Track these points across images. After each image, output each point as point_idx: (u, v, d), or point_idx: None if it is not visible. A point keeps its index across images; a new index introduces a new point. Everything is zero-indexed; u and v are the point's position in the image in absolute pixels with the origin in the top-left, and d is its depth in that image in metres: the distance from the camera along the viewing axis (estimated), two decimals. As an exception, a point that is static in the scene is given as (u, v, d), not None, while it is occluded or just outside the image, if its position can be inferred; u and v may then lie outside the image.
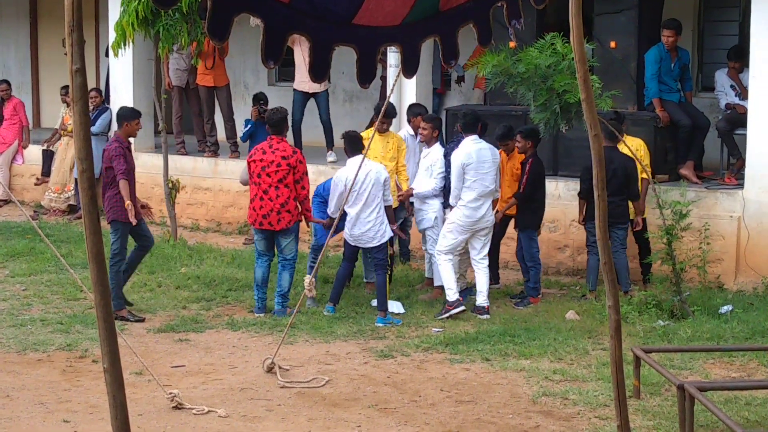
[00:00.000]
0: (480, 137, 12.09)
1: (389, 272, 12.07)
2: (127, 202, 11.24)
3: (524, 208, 12.47)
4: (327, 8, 4.54)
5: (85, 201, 3.97)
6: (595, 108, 5.59)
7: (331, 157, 15.76)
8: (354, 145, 11.77)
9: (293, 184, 11.60)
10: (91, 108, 16.14)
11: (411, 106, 13.69)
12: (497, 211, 12.38)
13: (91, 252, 4.02)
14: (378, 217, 11.71)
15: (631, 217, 12.36)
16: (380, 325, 11.37)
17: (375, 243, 11.80)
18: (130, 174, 11.41)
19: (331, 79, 16.89)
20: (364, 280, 12.88)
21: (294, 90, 16.14)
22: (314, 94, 15.97)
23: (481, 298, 11.86)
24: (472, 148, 11.82)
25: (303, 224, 11.98)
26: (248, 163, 11.87)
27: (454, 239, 11.87)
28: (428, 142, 12.48)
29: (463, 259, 12.20)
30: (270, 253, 11.87)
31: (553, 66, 11.51)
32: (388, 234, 11.85)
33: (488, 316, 11.71)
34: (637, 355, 8.92)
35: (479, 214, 11.83)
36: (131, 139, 12.05)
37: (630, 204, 12.28)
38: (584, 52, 5.36)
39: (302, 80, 15.86)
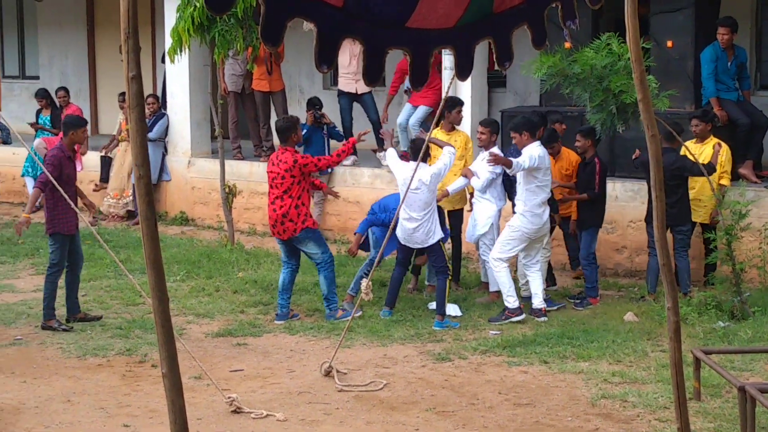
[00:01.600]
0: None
1: (450, 274, 11.97)
2: (24, 216, 11.28)
3: (588, 207, 12.40)
4: (380, 12, 4.53)
5: (142, 207, 3.99)
6: (653, 108, 5.52)
7: (384, 159, 15.73)
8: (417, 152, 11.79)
9: (301, 190, 11.58)
10: (147, 114, 16.26)
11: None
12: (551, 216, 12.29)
13: (149, 258, 4.04)
14: (426, 215, 11.63)
15: (701, 220, 12.34)
16: (438, 329, 11.34)
17: (424, 244, 11.76)
18: (64, 182, 10.97)
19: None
20: (426, 282, 12.86)
21: (339, 93, 16.21)
22: (359, 96, 16.02)
23: (537, 301, 11.80)
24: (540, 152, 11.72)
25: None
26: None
27: (515, 247, 11.79)
28: (486, 146, 12.31)
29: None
30: (292, 260, 11.88)
31: (609, 66, 11.43)
32: (438, 234, 11.79)
33: (546, 319, 11.66)
34: (697, 357, 8.83)
35: (543, 221, 11.78)
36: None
37: (697, 205, 12.24)
38: (641, 52, 5.31)
39: (347, 81, 15.90)
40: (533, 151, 11.55)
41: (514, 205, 12.06)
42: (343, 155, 11.90)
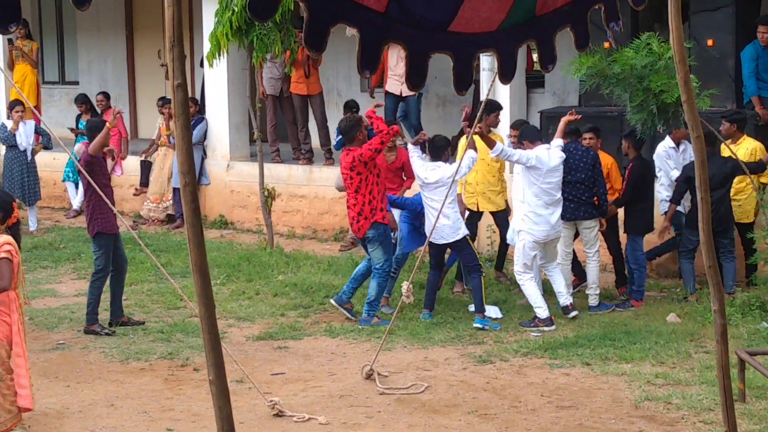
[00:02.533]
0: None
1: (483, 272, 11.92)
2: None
3: (633, 211, 12.32)
4: (423, 16, 4.52)
5: (188, 214, 4.00)
6: (696, 109, 5.48)
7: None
8: (438, 150, 11.82)
9: (372, 185, 11.57)
10: (187, 118, 16.29)
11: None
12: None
13: (195, 264, 4.04)
14: (449, 209, 11.59)
15: (738, 219, 12.26)
16: (478, 326, 11.33)
17: (449, 239, 11.73)
18: (103, 184, 10.91)
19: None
20: (466, 287, 12.83)
21: (385, 94, 16.19)
22: (405, 98, 16.05)
23: (563, 299, 11.76)
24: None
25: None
26: None
27: (528, 253, 11.65)
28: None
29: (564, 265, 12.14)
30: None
31: (649, 66, 11.36)
32: (464, 230, 11.72)
33: (576, 313, 11.63)
34: (741, 358, 8.78)
35: (551, 224, 11.64)
36: None
37: (735, 204, 12.17)
38: (684, 52, 5.27)
39: (393, 83, 15.91)
40: (534, 152, 11.55)
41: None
42: (387, 137, 11.64)
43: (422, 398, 9.28)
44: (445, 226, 11.55)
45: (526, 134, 12.03)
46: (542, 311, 11.50)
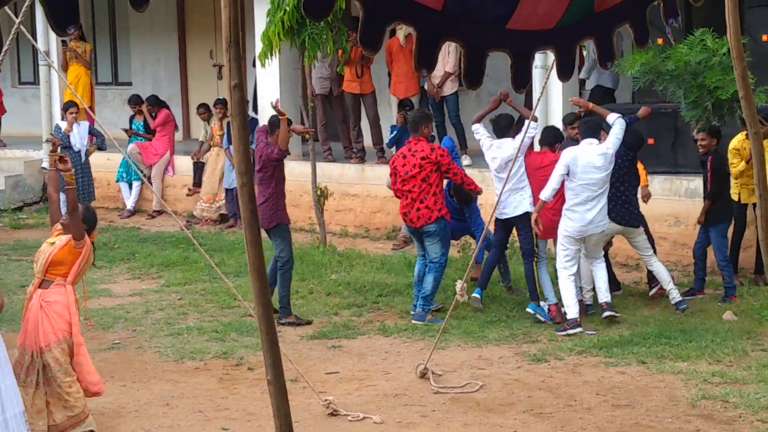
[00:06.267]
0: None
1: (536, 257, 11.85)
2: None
3: (716, 204, 12.20)
4: (480, 14, 4.49)
5: (246, 215, 4.00)
6: (754, 105, 5.43)
7: (465, 160, 15.71)
8: (503, 129, 11.96)
9: (439, 179, 11.64)
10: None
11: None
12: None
13: (252, 264, 4.05)
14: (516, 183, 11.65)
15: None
16: (530, 311, 11.48)
17: (511, 213, 11.75)
18: (281, 179, 11.83)
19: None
20: (502, 283, 12.81)
21: (422, 93, 16.27)
22: (443, 97, 16.07)
23: (601, 295, 11.54)
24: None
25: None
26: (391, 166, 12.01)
27: (567, 248, 11.45)
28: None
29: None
30: (424, 252, 11.92)
31: (703, 62, 11.27)
32: (523, 206, 11.70)
33: (611, 313, 11.35)
34: (800, 357, 8.68)
35: (587, 220, 11.37)
36: None
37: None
38: (741, 48, 5.22)
39: (432, 83, 15.95)
40: (557, 168, 11.40)
41: None
42: (471, 186, 11.96)
43: (477, 397, 9.25)
44: (512, 199, 11.64)
45: (544, 143, 12.05)
46: (571, 311, 11.31)
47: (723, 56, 11.16)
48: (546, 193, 11.27)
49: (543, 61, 13.82)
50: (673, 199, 13.13)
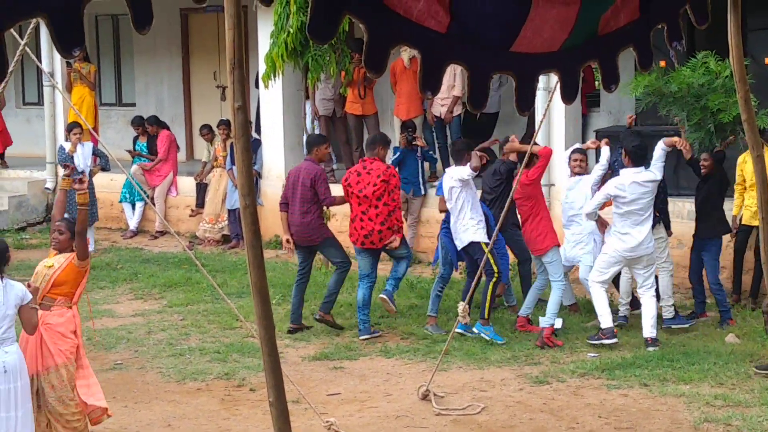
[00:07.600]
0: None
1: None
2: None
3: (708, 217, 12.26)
4: (484, 36, 4.50)
5: (248, 236, 4.01)
6: (757, 128, 5.44)
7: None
8: (456, 154, 12.12)
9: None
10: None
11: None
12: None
13: (255, 285, 4.05)
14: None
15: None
16: (475, 330, 11.71)
17: (460, 244, 11.93)
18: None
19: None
20: (505, 302, 12.83)
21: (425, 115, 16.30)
22: (447, 121, 16.17)
23: (647, 330, 11.39)
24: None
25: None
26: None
27: (610, 267, 11.49)
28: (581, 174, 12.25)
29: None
30: (372, 274, 12.31)
31: (706, 85, 11.30)
32: (467, 236, 11.78)
33: (656, 348, 11.17)
34: (803, 380, 8.66)
35: (637, 242, 11.36)
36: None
37: None
38: (744, 71, 5.23)
39: (438, 104, 15.98)
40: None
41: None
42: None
43: (479, 419, 9.24)
44: (457, 228, 11.87)
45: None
46: (605, 320, 11.34)
47: (726, 79, 11.19)
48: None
49: (546, 83, 13.85)
50: (674, 221, 13.09)
